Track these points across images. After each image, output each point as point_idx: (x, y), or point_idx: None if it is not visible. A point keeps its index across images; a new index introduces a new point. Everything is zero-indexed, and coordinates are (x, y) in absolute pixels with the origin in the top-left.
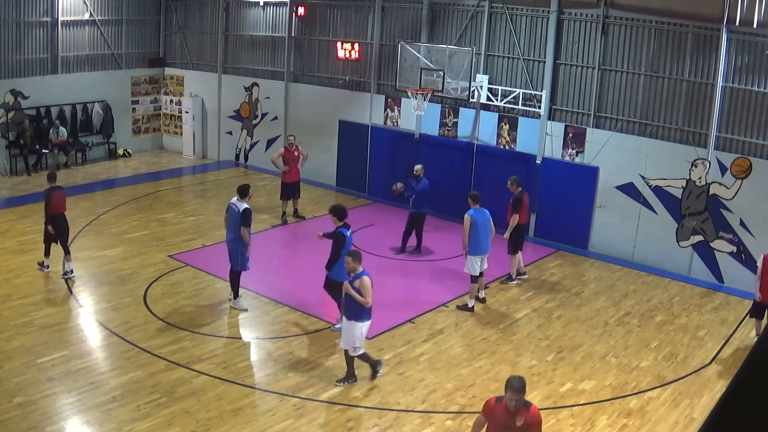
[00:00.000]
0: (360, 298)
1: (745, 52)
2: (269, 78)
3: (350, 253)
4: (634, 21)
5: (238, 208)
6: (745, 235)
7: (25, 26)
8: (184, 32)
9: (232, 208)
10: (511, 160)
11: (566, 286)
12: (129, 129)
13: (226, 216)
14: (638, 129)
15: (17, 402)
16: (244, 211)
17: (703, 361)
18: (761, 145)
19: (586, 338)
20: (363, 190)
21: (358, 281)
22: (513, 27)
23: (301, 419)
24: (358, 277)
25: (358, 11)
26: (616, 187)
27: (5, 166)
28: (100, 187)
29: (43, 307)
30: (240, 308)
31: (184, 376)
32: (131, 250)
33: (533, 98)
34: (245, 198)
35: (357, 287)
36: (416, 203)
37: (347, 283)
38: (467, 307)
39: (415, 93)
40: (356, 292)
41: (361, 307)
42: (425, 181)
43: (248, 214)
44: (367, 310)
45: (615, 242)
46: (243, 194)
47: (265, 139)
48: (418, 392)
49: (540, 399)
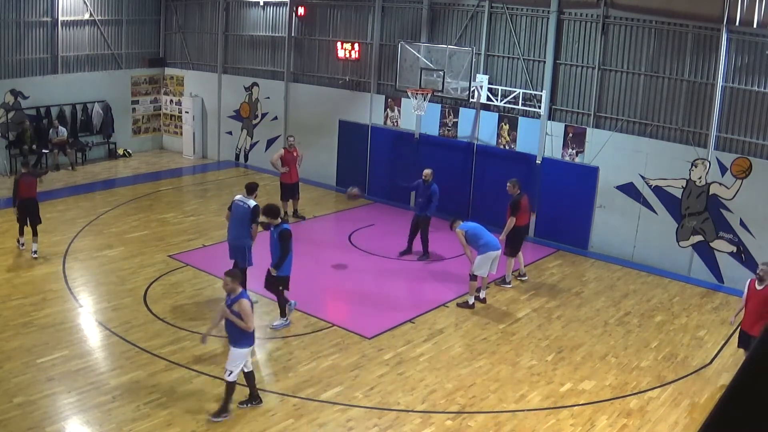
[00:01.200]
0: (241, 323)
1: (745, 52)
2: (269, 78)
3: (229, 273)
4: (634, 21)
5: (248, 204)
6: (745, 235)
7: (25, 26)
8: (184, 32)
9: (239, 205)
10: (511, 160)
11: (566, 286)
12: (129, 129)
13: (228, 213)
14: (638, 129)
15: (17, 402)
16: (254, 208)
17: (703, 361)
18: (761, 145)
19: (586, 338)
20: (363, 190)
21: (237, 304)
22: (513, 27)
23: (301, 419)
24: (237, 299)
25: (358, 11)
26: (616, 187)
27: (5, 166)
28: (100, 187)
29: (43, 307)
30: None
31: (184, 376)
32: (131, 250)
33: (533, 98)
34: (252, 195)
35: (236, 311)
36: (422, 206)
37: (225, 308)
38: (468, 305)
39: (415, 93)
40: (236, 317)
41: (242, 332)
42: (435, 186)
43: (258, 211)
44: (248, 336)
45: (615, 242)
46: (250, 191)
47: (265, 139)
48: (418, 392)
49: (540, 399)
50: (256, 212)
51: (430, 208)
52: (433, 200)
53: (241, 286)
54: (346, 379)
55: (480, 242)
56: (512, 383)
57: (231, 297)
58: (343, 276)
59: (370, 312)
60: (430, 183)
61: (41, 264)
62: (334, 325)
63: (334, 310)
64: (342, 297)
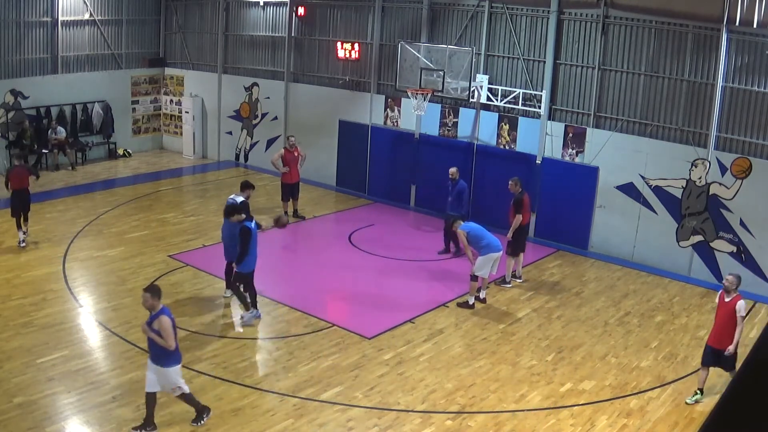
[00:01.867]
0: (160, 341)
1: (745, 52)
2: (269, 78)
3: (148, 289)
4: (634, 21)
5: (236, 201)
6: (745, 235)
7: (25, 26)
8: (184, 32)
9: (228, 201)
10: (511, 160)
11: (566, 286)
12: (129, 129)
13: None
14: (638, 129)
15: (17, 402)
16: (239, 203)
17: None
18: (761, 145)
19: (586, 338)
20: (363, 190)
21: (157, 322)
22: (513, 27)
23: (301, 419)
24: (157, 316)
25: (358, 11)
26: (616, 187)
27: (5, 166)
28: (100, 187)
29: (43, 307)
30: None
31: (184, 376)
32: (131, 250)
33: (533, 98)
34: (244, 192)
35: (156, 329)
36: (453, 205)
37: (145, 325)
38: (468, 305)
39: (415, 93)
40: (156, 334)
41: (164, 350)
42: (462, 183)
43: (239, 206)
44: (173, 354)
45: (615, 242)
46: (242, 188)
47: (265, 139)
48: (418, 392)
49: (540, 399)
50: (237, 208)
51: (460, 207)
52: (462, 198)
53: (160, 303)
54: (346, 379)
55: (482, 243)
56: (512, 383)
57: (151, 314)
58: (343, 276)
59: (370, 312)
60: (457, 181)
61: (41, 264)
62: (334, 325)
63: (334, 310)
64: (342, 297)
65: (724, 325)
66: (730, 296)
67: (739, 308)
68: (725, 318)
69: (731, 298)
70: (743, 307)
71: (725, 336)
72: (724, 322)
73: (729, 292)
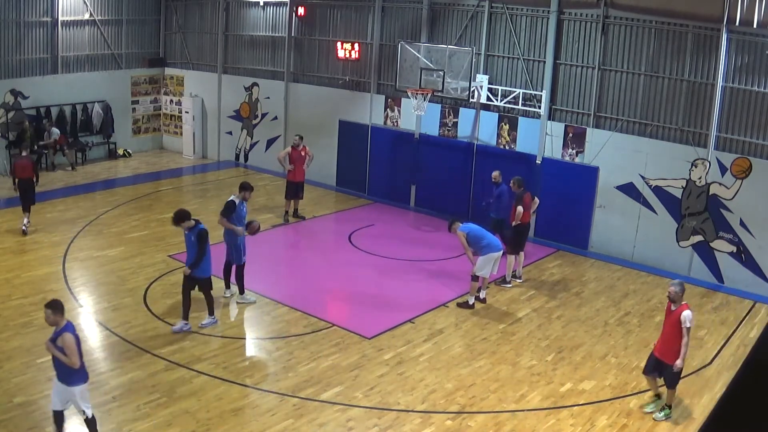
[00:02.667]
0: (65, 358)
1: (745, 52)
2: (269, 78)
3: (50, 304)
4: (634, 21)
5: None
6: (745, 235)
7: (25, 26)
8: (184, 32)
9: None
10: (511, 160)
11: (566, 286)
12: (129, 129)
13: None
14: (638, 129)
15: (17, 402)
16: (227, 202)
17: (703, 361)
18: (761, 145)
19: (586, 338)
20: (363, 190)
21: (60, 339)
22: (513, 27)
23: (301, 419)
24: (60, 333)
25: (358, 11)
26: (616, 187)
27: (5, 166)
28: (100, 187)
29: (43, 307)
30: (248, 302)
31: (184, 376)
32: (131, 250)
33: (533, 98)
34: (240, 193)
35: (60, 346)
36: (496, 209)
37: (49, 342)
38: (468, 305)
39: (415, 93)
40: (60, 352)
41: (69, 368)
42: (502, 186)
43: (229, 205)
44: (79, 372)
45: (615, 242)
46: (240, 189)
47: (265, 139)
48: (418, 392)
49: (540, 399)
50: (226, 205)
51: (500, 210)
52: (501, 201)
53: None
54: (346, 379)
55: (482, 243)
56: (512, 383)
57: (55, 330)
58: (343, 276)
59: (370, 312)
60: (499, 184)
61: (41, 264)
62: (334, 325)
63: (334, 310)
64: (342, 297)
65: (669, 336)
66: (675, 306)
67: (684, 319)
68: (670, 329)
69: (676, 308)
70: (689, 318)
71: (669, 348)
72: (670, 332)
73: (674, 302)
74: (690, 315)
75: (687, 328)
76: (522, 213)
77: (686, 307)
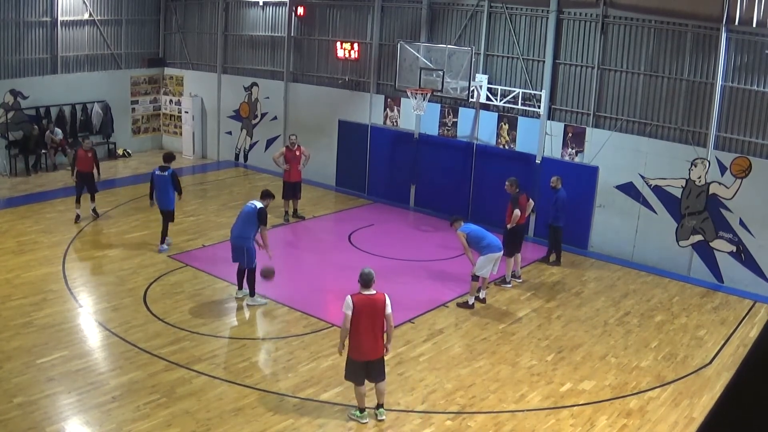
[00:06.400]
0: None
1: (744, 52)
2: (269, 78)
3: None
4: (634, 20)
5: (255, 206)
6: (744, 234)
7: (25, 26)
8: (184, 32)
9: (248, 205)
10: (510, 160)
11: (566, 286)
12: (129, 129)
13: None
14: (638, 128)
15: (17, 402)
16: (260, 209)
17: (703, 361)
18: (761, 145)
19: (586, 338)
20: (363, 190)
21: None
22: (512, 27)
23: (301, 419)
24: None
25: (357, 11)
26: (615, 186)
27: (5, 166)
28: (100, 187)
29: (43, 307)
30: (258, 304)
31: (184, 377)
32: (131, 250)
33: (533, 98)
34: (265, 200)
35: None
36: (553, 215)
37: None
38: (468, 305)
39: (414, 93)
40: None
41: None
42: (560, 192)
43: (264, 214)
44: None
45: (615, 242)
46: (263, 196)
47: (264, 139)
48: (418, 392)
49: (540, 399)
50: (261, 214)
51: (557, 215)
52: (557, 206)
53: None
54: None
55: (482, 243)
56: (512, 383)
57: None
58: (343, 276)
59: None
60: (558, 190)
61: (41, 264)
62: (334, 325)
63: (334, 310)
64: (342, 297)
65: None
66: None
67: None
68: None
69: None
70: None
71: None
72: None
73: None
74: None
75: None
76: (519, 215)
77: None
